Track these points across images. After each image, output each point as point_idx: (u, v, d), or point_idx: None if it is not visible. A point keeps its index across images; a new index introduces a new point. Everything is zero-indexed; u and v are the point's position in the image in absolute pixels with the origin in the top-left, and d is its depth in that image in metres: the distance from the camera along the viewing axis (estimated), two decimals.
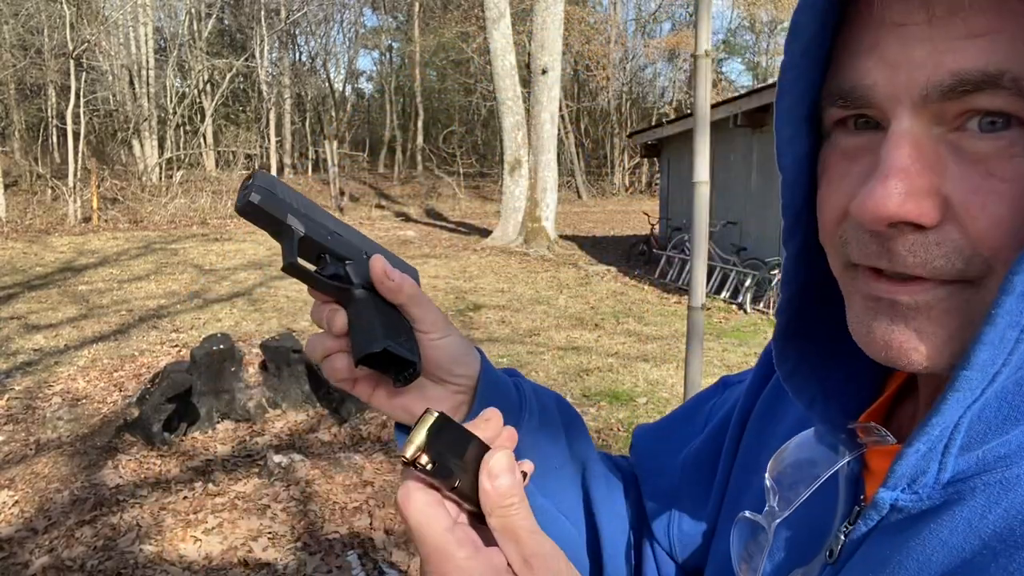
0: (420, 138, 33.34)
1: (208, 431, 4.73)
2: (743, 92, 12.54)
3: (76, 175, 17.57)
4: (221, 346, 4.89)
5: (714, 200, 10.00)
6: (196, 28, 27.44)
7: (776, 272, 9.03)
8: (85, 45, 19.91)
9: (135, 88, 24.98)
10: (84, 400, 5.34)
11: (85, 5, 20.68)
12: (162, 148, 24.29)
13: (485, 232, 17.07)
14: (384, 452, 4.46)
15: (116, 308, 8.50)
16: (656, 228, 14.14)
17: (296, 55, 33.40)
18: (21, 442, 4.59)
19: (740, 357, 6.95)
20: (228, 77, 26.46)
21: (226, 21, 31.44)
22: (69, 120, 18.24)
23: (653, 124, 17.72)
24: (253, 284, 10.05)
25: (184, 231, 16.29)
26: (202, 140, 27.11)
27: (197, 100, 27.22)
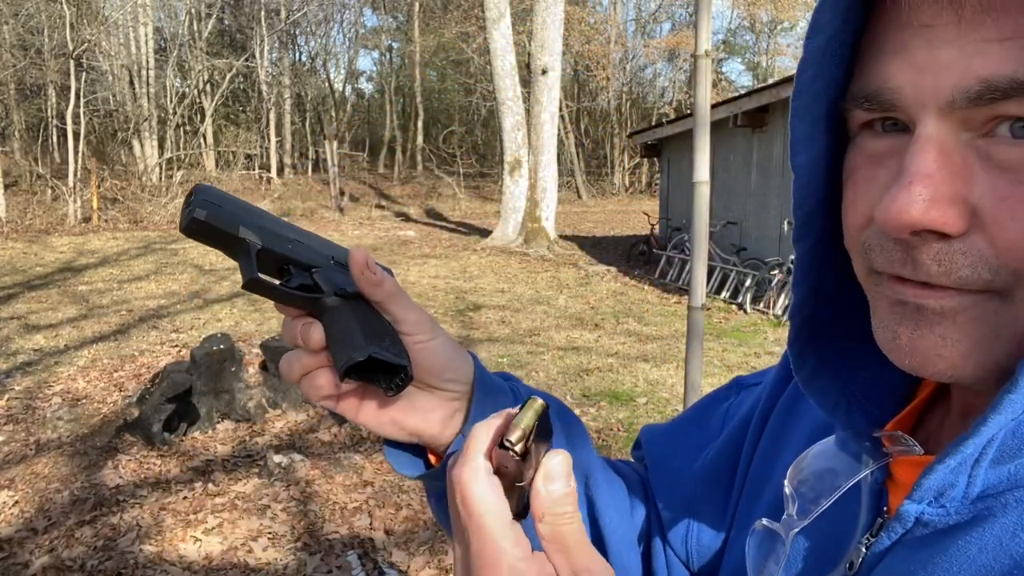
0: (420, 138, 33.33)
1: (208, 431, 4.73)
2: (743, 92, 12.54)
3: (76, 175, 17.57)
4: (221, 346, 4.89)
5: (714, 200, 10.00)
6: (196, 28, 27.42)
7: (776, 272, 9.03)
8: (85, 45, 19.90)
9: (135, 88, 24.97)
10: (84, 400, 5.34)
11: (85, 5, 20.68)
12: (162, 148, 24.27)
13: (485, 232, 17.07)
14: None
15: (116, 308, 8.50)
16: (656, 228, 14.14)
17: (296, 55, 33.43)
18: (21, 442, 4.59)
19: (740, 357, 6.95)
20: (228, 77, 26.45)
21: (226, 21, 31.43)
22: (69, 120, 18.24)
23: (653, 124, 17.71)
24: None
25: None
26: (202, 140, 27.09)
27: (197, 100, 27.21)
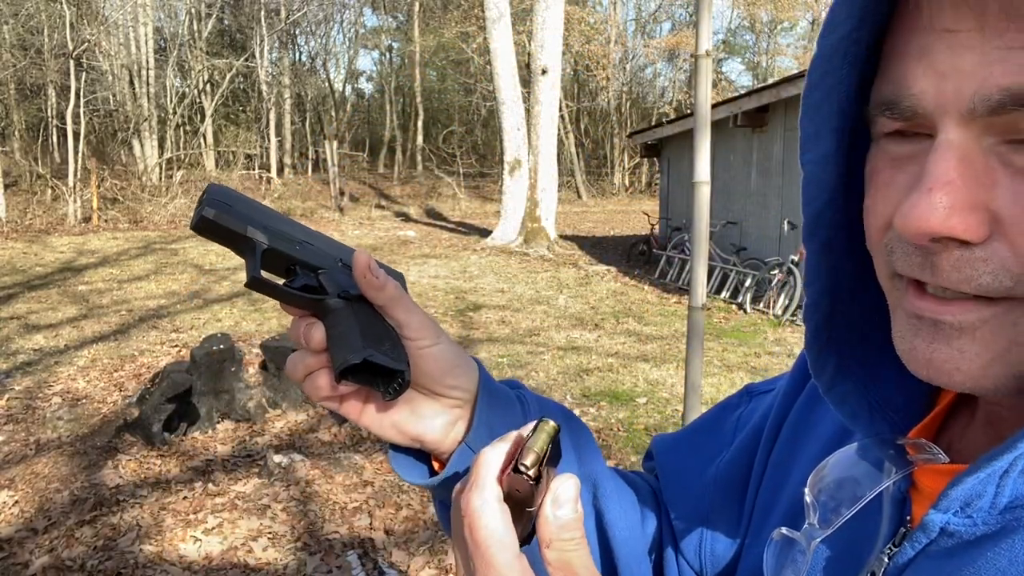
0: (420, 138, 33.33)
1: (208, 431, 4.73)
2: (743, 92, 12.54)
3: (76, 175, 17.57)
4: (221, 346, 4.89)
5: (714, 200, 9.99)
6: (196, 28, 27.42)
7: (776, 272, 9.03)
8: (85, 45, 19.90)
9: (135, 88, 24.96)
10: (84, 400, 5.34)
11: (85, 5, 20.66)
12: (162, 148, 24.26)
13: (485, 232, 17.07)
14: (384, 452, 4.46)
15: (116, 308, 8.50)
16: (656, 228, 14.14)
17: (296, 55, 33.41)
18: (21, 442, 4.59)
19: (740, 357, 6.95)
20: (228, 77, 26.44)
21: (226, 21, 31.41)
22: (69, 120, 18.24)
23: (653, 124, 17.71)
24: None
25: (184, 231, 16.27)
26: (202, 140, 27.08)
27: (197, 100, 27.20)
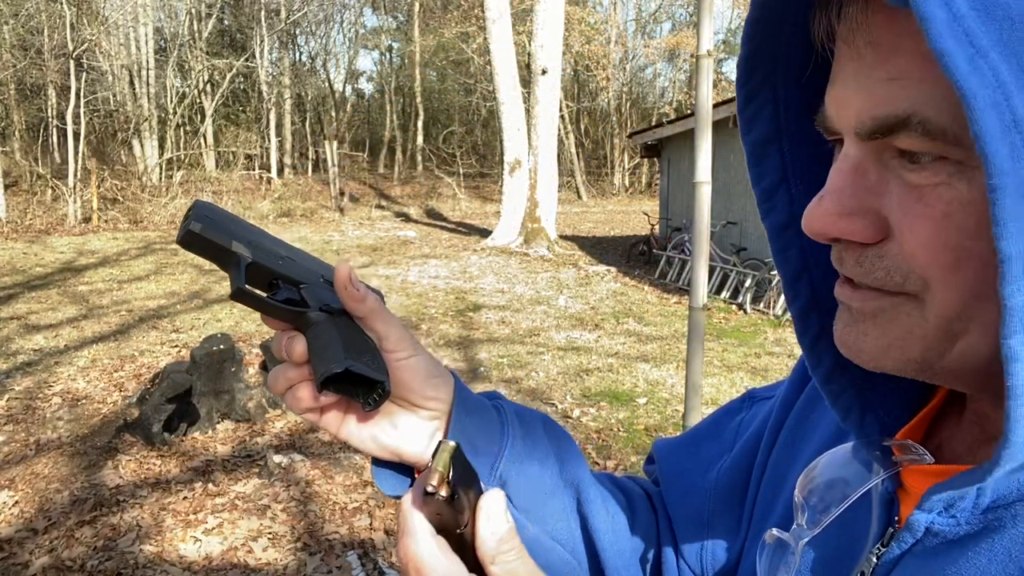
0: (420, 138, 33.32)
1: (208, 431, 4.73)
2: None
3: (76, 175, 17.57)
4: (221, 346, 4.89)
5: (714, 200, 9.98)
6: (196, 28, 27.40)
7: (776, 272, 9.01)
8: (85, 45, 19.90)
9: (135, 88, 24.96)
10: (84, 400, 5.34)
11: (85, 5, 20.65)
12: (162, 148, 24.26)
13: (485, 232, 17.07)
14: None
15: (116, 308, 8.50)
16: (656, 228, 14.14)
17: (296, 55, 33.38)
18: (21, 442, 4.59)
19: (740, 357, 6.95)
20: (228, 77, 26.43)
21: (226, 21, 31.41)
22: (69, 120, 18.24)
23: (653, 124, 17.71)
24: None
25: None
26: (202, 140, 27.06)
27: (197, 100, 27.18)
